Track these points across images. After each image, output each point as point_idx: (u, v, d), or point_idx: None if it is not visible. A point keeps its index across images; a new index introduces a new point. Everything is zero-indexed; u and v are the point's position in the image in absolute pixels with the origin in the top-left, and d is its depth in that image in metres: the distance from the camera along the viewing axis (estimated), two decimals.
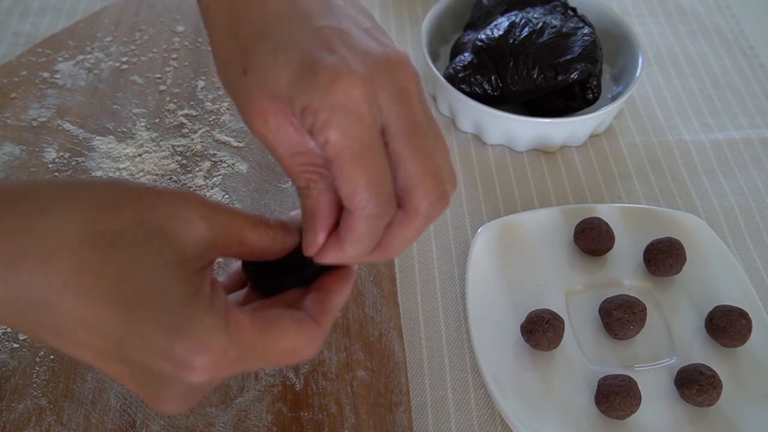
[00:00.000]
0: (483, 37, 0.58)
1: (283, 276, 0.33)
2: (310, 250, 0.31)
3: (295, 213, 0.33)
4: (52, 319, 0.26)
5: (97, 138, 0.56)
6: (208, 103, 0.60)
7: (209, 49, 0.64)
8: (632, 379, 0.43)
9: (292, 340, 0.30)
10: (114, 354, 0.27)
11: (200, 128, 0.58)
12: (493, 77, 0.57)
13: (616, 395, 0.42)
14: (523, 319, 0.46)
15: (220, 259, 0.41)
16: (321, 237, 0.31)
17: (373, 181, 0.28)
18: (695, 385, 0.42)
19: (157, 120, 0.58)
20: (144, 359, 0.27)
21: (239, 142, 0.57)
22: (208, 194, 0.53)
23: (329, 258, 0.31)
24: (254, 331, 0.28)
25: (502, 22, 0.58)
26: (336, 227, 0.31)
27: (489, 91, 0.58)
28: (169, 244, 0.27)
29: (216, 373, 0.28)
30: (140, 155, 0.55)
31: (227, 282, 0.35)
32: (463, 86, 0.58)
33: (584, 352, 0.46)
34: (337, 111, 0.28)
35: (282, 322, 0.30)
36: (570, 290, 0.49)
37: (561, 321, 0.45)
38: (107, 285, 0.26)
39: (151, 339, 0.26)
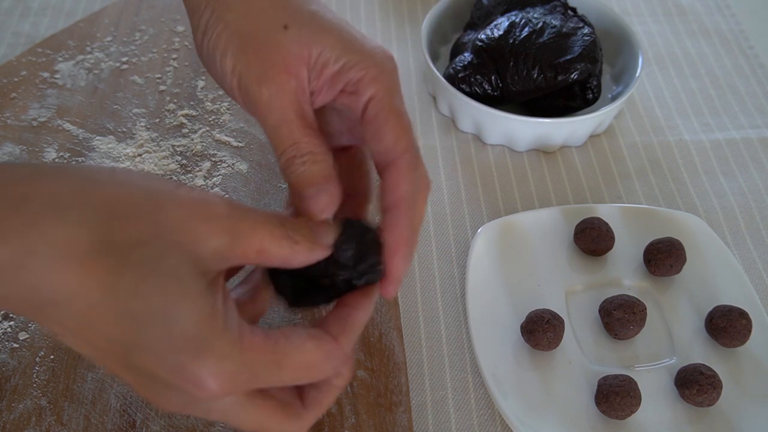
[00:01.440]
0: (483, 37, 0.58)
1: (306, 290, 0.32)
2: (327, 211, 0.32)
3: (326, 224, 0.32)
4: (58, 316, 0.26)
5: (97, 138, 0.56)
6: (208, 103, 0.60)
7: None
8: (632, 379, 0.43)
9: (307, 357, 0.29)
10: (120, 359, 0.27)
11: (200, 128, 0.58)
12: (493, 77, 0.57)
13: (616, 395, 0.42)
14: (523, 319, 0.46)
15: None
16: (338, 194, 0.32)
17: (409, 128, 0.33)
18: (695, 385, 0.42)
19: (157, 120, 0.58)
20: (151, 370, 0.27)
21: (239, 142, 0.57)
22: None
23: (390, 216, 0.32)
24: (268, 350, 0.28)
25: (502, 22, 0.58)
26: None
27: (489, 91, 0.58)
28: (185, 260, 0.26)
29: (227, 393, 0.27)
30: (140, 155, 0.55)
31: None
32: (463, 86, 0.58)
33: (584, 352, 0.46)
34: (383, 71, 0.32)
35: (296, 339, 0.29)
36: (570, 290, 0.49)
37: (561, 321, 0.45)
38: (118, 299, 0.25)
39: (161, 357, 0.26)
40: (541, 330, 0.44)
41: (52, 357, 0.44)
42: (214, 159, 0.56)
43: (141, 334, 0.26)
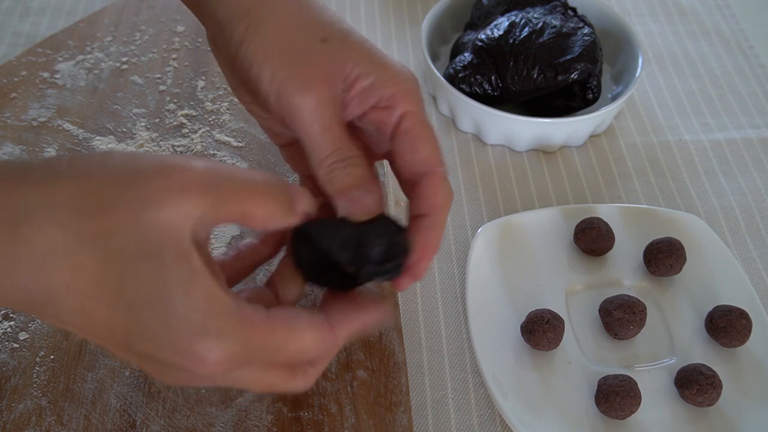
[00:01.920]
0: (483, 37, 0.58)
1: (325, 271, 0.32)
2: (374, 212, 0.32)
3: (301, 190, 0.32)
4: (56, 311, 0.26)
5: (97, 138, 0.56)
6: (208, 103, 0.60)
7: (209, 49, 0.64)
8: (632, 379, 0.43)
9: (305, 344, 0.30)
10: (122, 345, 0.28)
11: (200, 128, 0.58)
12: (493, 77, 0.57)
13: (616, 395, 0.42)
14: (523, 319, 0.46)
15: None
16: (381, 195, 0.33)
17: (439, 144, 0.35)
18: (695, 385, 0.42)
19: (157, 120, 0.58)
20: (152, 353, 0.27)
21: (239, 142, 0.57)
22: None
23: (428, 223, 0.34)
24: (267, 334, 0.28)
25: (502, 22, 0.58)
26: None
27: (489, 91, 0.58)
28: (165, 239, 0.26)
29: (228, 371, 0.28)
30: None
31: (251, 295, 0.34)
32: (463, 86, 0.58)
33: (584, 352, 0.46)
34: (412, 88, 0.35)
35: (297, 325, 0.29)
36: (570, 290, 0.49)
37: (561, 321, 0.45)
38: (109, 290, 0.26)
39: (161, 342, 0.27)
40: (541, 330, 0.44)
41: (52, 357, 0.44)
42: (214, 159, 0.56)
43: (138, 322, 0.26)
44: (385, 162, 0.43)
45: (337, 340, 0.31)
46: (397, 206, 0.54)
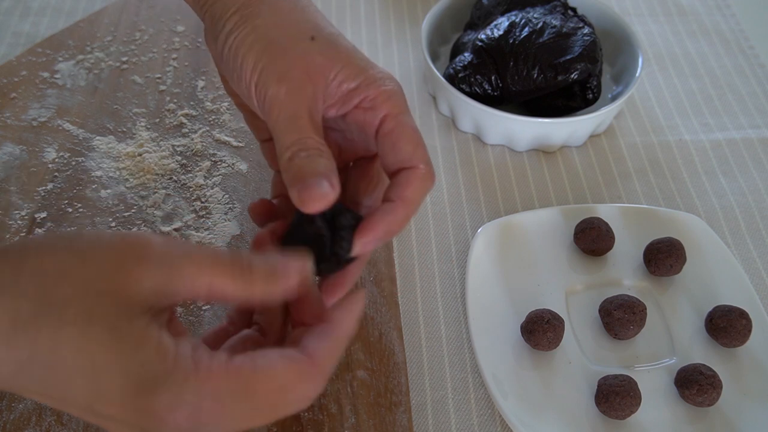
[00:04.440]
0: (483, 37, 0.58)
1: (307, 235, 0.33)
2: (326, 201, 0.32)
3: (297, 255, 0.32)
4: (25, 381, 0.27)
5: (97, 138, 0.56)
6: (208, 103, 0.60)
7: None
8: (632, 379, 0.43)
9: (278, 379, 0.28)
10: (91, 412, 0.27)
11: (200, 128, 0.58)
12: (493, 77, 0.57)
13: (616, 395, 0.42)
14: (523, 319, 0.46)
15: None
16: (338, 188, 0.33)
17: (424, 143, 0.36)
18: (695, 385, 0.42)
19: (157, 120, 0.58)
20: (116, 415, 0.27)
21: (239, 142, 0.57)
22: (208, 194, 0.53)
23: (400, 205, 0.34)
24: (230, 376, 0.27)
25: (502, 22, 0.58)
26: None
27: (489, 91, 0.58)
28: (115, 308, 0.27)
29: (199, 425, 0.27)
30: (140, 155, 0.55)
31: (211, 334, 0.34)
32: (463, 86, 0.58)
33: (584, 352, 0.46)
34: (395, 92, 0.36)
35: (263, 361, 0.28)
36: (570, 290, 0.49)
37: (561, 321, 0.45)
38: (65, 357, 0.26)
39: (122, 404, 0.26)
40: (541, 330, 0.44)
41: None
42: (214, 159, 0.56)
43: (96, 387, 0.26)
44: None
45: (321, 368, 0.29)
46: None
